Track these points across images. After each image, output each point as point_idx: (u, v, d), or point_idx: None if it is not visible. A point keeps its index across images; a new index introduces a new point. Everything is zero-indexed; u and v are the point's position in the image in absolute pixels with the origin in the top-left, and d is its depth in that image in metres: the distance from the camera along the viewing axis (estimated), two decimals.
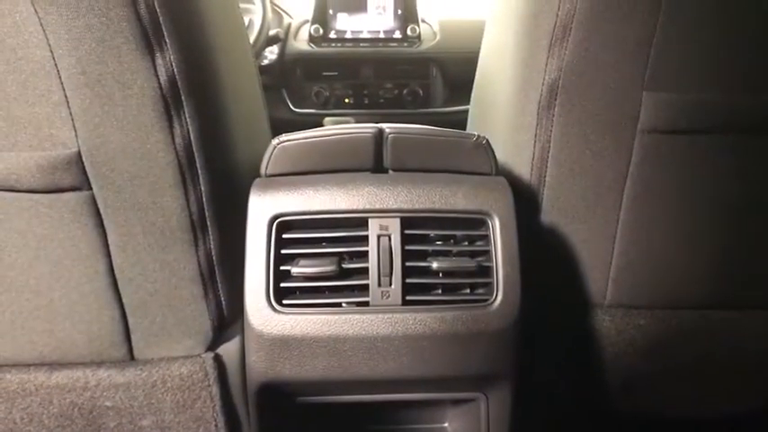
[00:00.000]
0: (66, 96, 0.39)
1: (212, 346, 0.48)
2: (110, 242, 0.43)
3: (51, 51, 0.37)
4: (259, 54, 1.10)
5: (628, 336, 0.50)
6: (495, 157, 0.49)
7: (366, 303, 0.44)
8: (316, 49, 1.17)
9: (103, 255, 0.43)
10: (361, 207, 0.44)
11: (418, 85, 1.19)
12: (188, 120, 0.41)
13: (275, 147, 0.47)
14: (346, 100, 1.18)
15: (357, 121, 1.21)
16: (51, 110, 0.39)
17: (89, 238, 0.43)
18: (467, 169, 0.48)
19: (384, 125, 0.48)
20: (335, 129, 0.47)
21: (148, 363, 0.47)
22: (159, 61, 0.39)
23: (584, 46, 0.42)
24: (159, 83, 0.39)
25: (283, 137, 0.47)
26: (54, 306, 0.44)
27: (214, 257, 0.46)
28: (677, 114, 0.43)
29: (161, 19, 0.38)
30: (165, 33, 0.39)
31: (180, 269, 0.45)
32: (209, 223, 0.45)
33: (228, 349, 0.48)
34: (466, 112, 1.28)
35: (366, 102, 1.19)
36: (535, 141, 0.47)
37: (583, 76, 0.43)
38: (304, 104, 1.19)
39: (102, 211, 0.42)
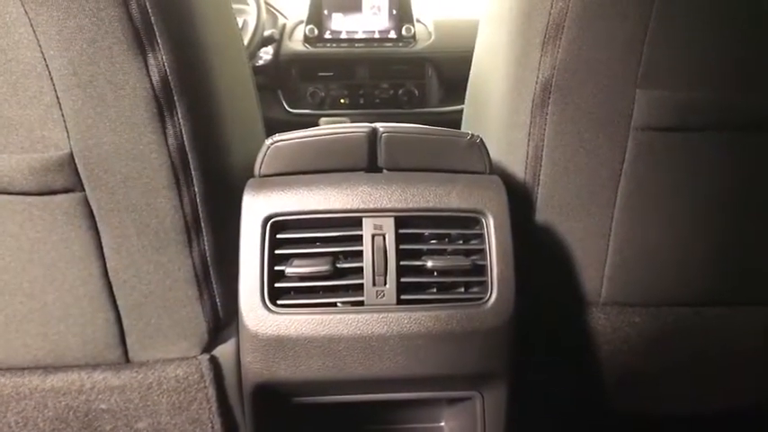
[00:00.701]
0: (57, 98, 0.39)
1: (208, 347, 0.48)
2: (104, 244, 0.43)
3: (42, 52, 0.37)
4: (254, 55, 1.10)
5: (623, 333, 0.50)
6: (488, 155, 0.49)
7: (361, 303, 0.44)
8: (311, 49, 1.17)
9: (97, 257, 0.43)
10: (355, 207, 0.44)
11: (414, 84, 1.19)
12: (181, 120, 0.41)
13: (269, 147, 0.47)
14: (342, 100, 1.18)
15: (352, 122, 1.21)
16: (43, 111, 0.39)
17: (83, 240, 0.42)
18: (461, 168, 0.48)
19: (378, 124, 0.48)
20: (329, 128, 0.47)
21: (144, 365, 0.47)
22: (151, 61, 0.39)
23: (578, 44, 0.42)
24: (152, 83, 0.39)
25: (277, 137, 0.47)
26: (48, 309, 0.44)
27: (209, 258, 0.46)
28: (670, 112, 0.43)
29: (152, 19, 0.38)
30: (157, 33, 0.39)
31: (174, 270, 0.44)
32: (203, 224, 0.44)
33: (224, 351, 0.48)
34: (462, 111, 1.29)
35: (362, 102, 1.19)
36: (529, 140, 0.47)
37: (576, 75, 0.43)
38: (299, 105, 1.19)
39: (95, 212, 0.42)
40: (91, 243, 0.43)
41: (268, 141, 0.47)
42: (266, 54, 1.16)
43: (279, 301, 0.44)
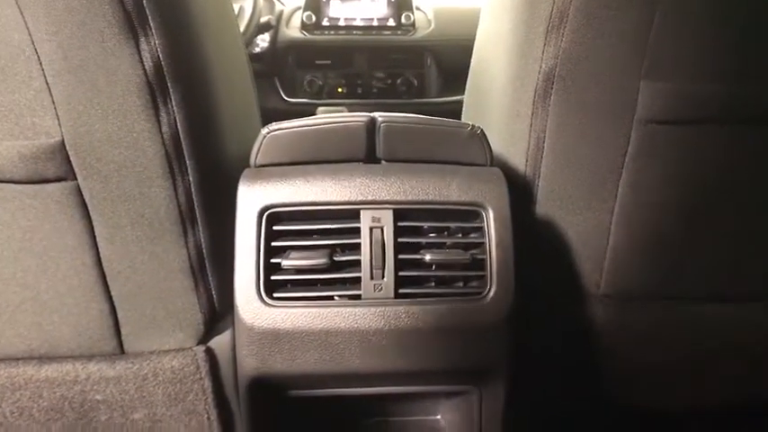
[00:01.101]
0: (47, 83, 0.37)
1: (204, 338, 0.48)
2: (97, 234, 0.42)
3: (30, 35, 0.36)
4: (250, 41, 1.08)
5: (621, 327, 0.50)
6: (489, 147, 0.48)
7: (358, 296, 0.43)
8: (308, 36, 1.15)
9: (90, 246, 0.42)
10: (353, 198, 0.43)
11: (412, 74, 1.17)
12: (175, 108, 0.40)
13: (265, 136, 0.46)
14: (339, 89, 1.17)
15: (350, 111, 1.19)
16: (32, 97, 0.38)
17: (75, 229, 0.42)
18: (461, 159, 0.47)
19: (377, 114, 0.47)
20: (327, 118, 0.46)
21: (139, 356, 0.46)
22: (144, 46, 0.38)
23: (582, 34, 0.41)
24: (144, 69, 0.38)
25: (273, 126, 0.46)
26: (41, 299, 0.43)
27: (204, 249, 0.45)
28: (675, 105, 0.43)
29: (145, 2, 0.37)
30: (150, 17, 0.37)
31: (169, 261, 0.44)
32: (198, 214, 0.44)
33: (220, 342, 0.48)
34: (461, 102, 1.27)
35: (359, 91, 1.17)
36: (530, 131, 0.46)
37: (580, 65, 0.42)
38: (296, 94, 1.17)
39: (88, 202, 0.41)
40: (84, 233, 0.42)
41: (264, 131, 0.46)
42: (263, 41, 1.14)
43: (275, 294, 0.43)
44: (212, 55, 0.46)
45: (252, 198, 0.44)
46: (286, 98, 1.18)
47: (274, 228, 0.44)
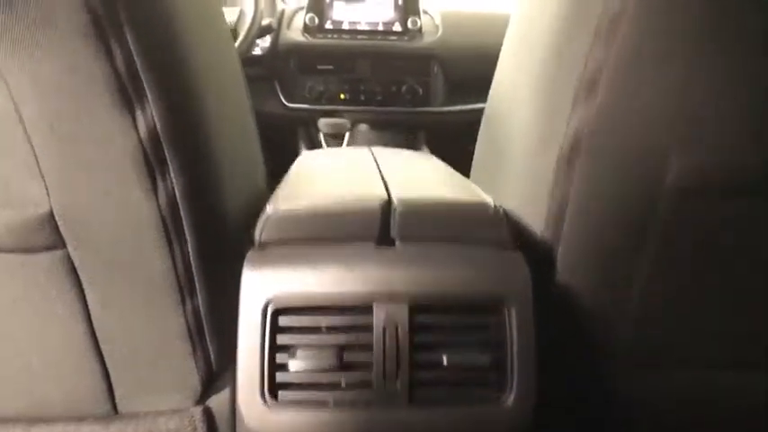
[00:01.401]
0: (33, 151, 0.34)
1: (201, 398, 0.46)
2: (89, 300, 0.40)
3: (13, 100, 0.33)
4: (250, 46, 1.03)
5: (642, 398, 0.49)
6: (511, 227, 0.45)
7: (369, 401, 0.41)
8: (310, 39, 1.10)
9: (82, 314, 0.40)
10: (365, 290, 0.41)
11: (417, 81, 1.13)
12: (173, 177, 0.37)
13: (269, 216, 0.43)
14: (341, 95, 1.13)
15: (352, 119, 1.15)
16: (19, 164, 0.35)
17: (65, 298, 0.39)
18: (482, 240, 0.45)
19: (392, 193, 0.44)
20: (337, 196, 0.43)
21: (134, 417, 0.45)
22: (140, 118, 0.35)
23: (615, 98, 0.39)
24: (140, 139, 0.35)
25: (280, 202, 0.43)
26: (32, 367, 0.41)
27: (202, 314, 0.43)
28: (707, 175, 0.40)
29: (141, 72, 0.34)
30: (147, 87, 0.34)
31: (166, 328, 0.42)
32: (197, 283, 0.41)
33: (218, 401, 0.46)
34: (465, 112, 1.23)
35: (362, 98, 1.13)
36: (552, 197, 0.44)
37: (609, 130, 0.40)
38: (297, 99, 1.13)
39: (78, 270, 0.39)
40: (75, 301, 0.40)
41: (269, 210, 0.43)
42: (263, 42, 1.09)
43: (280, 397, 0.41)
44: (213, 115, 0.43)
45: (257, 286, 0.41)
46: (286, 103, 1.14)
47: (280, 322, 0.41)
